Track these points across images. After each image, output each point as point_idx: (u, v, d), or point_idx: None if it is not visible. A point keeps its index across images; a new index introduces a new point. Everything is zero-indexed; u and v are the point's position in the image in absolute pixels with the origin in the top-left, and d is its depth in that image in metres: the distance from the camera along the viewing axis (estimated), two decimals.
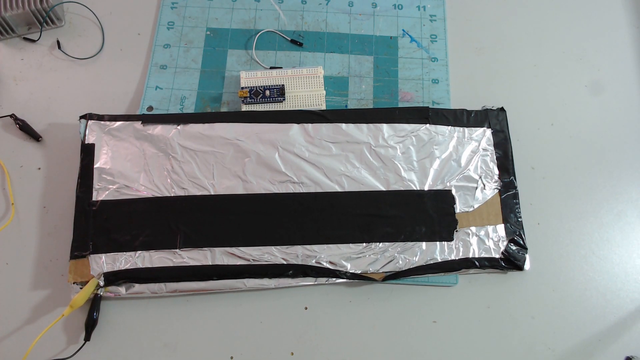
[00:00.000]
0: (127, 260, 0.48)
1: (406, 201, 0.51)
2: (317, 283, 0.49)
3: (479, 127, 0.54)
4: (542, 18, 0.64)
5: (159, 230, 0.49)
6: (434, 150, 0.53)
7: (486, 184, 0.52)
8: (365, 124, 0.53)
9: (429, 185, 0.52)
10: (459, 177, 0.52)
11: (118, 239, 0.49)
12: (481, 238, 0.50)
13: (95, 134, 0.52)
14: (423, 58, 0.60)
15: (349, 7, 0.63)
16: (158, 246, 0.49)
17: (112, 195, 0.50)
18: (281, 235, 0.50)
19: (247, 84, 0.56)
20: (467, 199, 0.52)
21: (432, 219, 0.51)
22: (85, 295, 0.46)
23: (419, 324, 0.49)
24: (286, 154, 0.52)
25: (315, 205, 0.51)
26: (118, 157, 0.52)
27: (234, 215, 0.50)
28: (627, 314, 0.50)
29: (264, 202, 0.51)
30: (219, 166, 0.52)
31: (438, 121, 0.54)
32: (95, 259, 0.48)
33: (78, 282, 0.47)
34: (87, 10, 0.61)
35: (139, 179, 0.51)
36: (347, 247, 0.50)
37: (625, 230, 0.54)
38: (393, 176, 0.52)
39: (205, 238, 0.49)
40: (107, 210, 0.50)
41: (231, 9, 0.62)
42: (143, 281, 0.48)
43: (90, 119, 0.53)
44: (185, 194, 0.51)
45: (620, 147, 0.58)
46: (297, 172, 0.52)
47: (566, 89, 0.60)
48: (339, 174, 0.52)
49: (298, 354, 0.48)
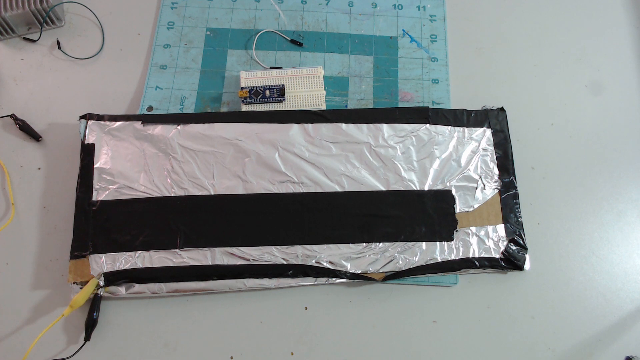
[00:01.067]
0: (127, 260, 0.48)
1: (406, 201, 0.51)
2: (317, 283, 0.49)
3: (479, 127, 0.54)
4: (542, 18, 0.64)
5: (159, 230, 0.49)
6: (434, 150, 0.53)
7: (486, 184, 0.52)
8: (365, 124, 0.53)
9: (429, 185, 0.52)
10: (459, 177, 0.52)
11: (118, 239, 0.49)
12: (481, 238, 0.50)
13: (95, 134, 0.52)
14: (423, 58, 0.60)
15: (349, 7, 0.63)
16: (158, 246, 0.49)
17: (112, 195, 0.50)
18: (281, 235, 0.50)
19: (247, 84, 0.56)
20: (467, 199, 0.52)
21: (432, 219, 0.51)
22: (85, 295, 0.46)
23: (419, 324, 0.49)
24: (286, 154, 0.52)
25: (315, 205, 0.51)
26: (118, 157, 0.52)
27: (234, 215, 0.50)
28: (627, 314, 0.50)
29: (264, 202, 0.51)
30: (219, 166, 0.52)
31: (438, 121, 0.54)
32: (95, 259, 0.48)
33: (78, 282, 0.47)
34: (87, 10, 0.61)
35: (139, 179, 0.51)
36: (347, 247, 0.50)
37: (625, 230, 0.54)
38: (393, 176, 0.52)
39: (205, 238, 0.49)
40: (107, 210, 0.50)
41: (231, 9, 0.62)
42: (143, 281, 0.48)
43: (90, 119, 0.53)
44: (185, 194, 0.51)
45: (620, 147, 0.58)
46: (297, 172, 0.52)
47: (566, 89, 0.60)
48: (339, 174, 0.52)
49: (298, 354, 0.48)
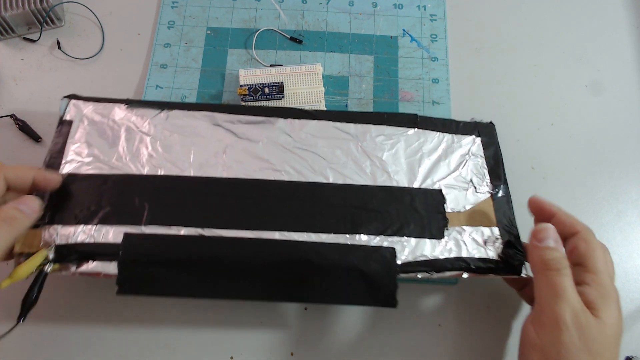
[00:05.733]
0: (86, 233, 0.44)
1: (394, 197, 0.49)
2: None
3: (469, 135, 0.53)
4: (542, 18, 0.64)
5: (124, 206, 0.46)
6: (422, 152, 0.51)
7: (477, 187, 0.50)
8: (353, 123, 0.52)
9: (418, 185, 0.50)
10: (449, 179, 0.50)
11: (78, 214, 0.45)
12: (474, 238, 0.48)
13: (75, 112, 0.50)
14: (423, 58, 0.60)
15: (350, 6, 0.63)
16: (121, 222, 0.45)
17: (81, 170, 0.48)
18: (257, 220, 0.46)
19: (246, 82, 0.56)
20: (457, 200, 0.49)
21: (421, 216, 0.48)
22: (29, 267, 0.41)
23: (418, 323, 0.49)
24: (270, 142, 0.50)
25: (297, 193, 0.48)
26: (94, 135, 0.49)
27: (208, 196, 0.47)
28: (627, 314, 0.50)
29: (242, 186, 0.48)
30: (199, 149, 0.49)
31: (426, 127, 0.52)
32: (50, 231, 0.44)
33: (25, 253, 0.43)
34: (87, 10, 0.61)
35: (112, 157, 0.48)
36: (328, 236, 0.46)
37: (625, 230, 0.54)
38: (380, 173, 0.50)
39: (174, 217, 0.46)
40: (72, 184, 0.47)
41: (231, 9, 0.62)
42: (99, 258, 0.43)
43: (73, 99, 0.51)
44: (159, 173, 0.48)
45: (620, 147, 0.58)
46: (280, 161, 0.50)
47: (566, 89, 0.60)
48: (324, 167, 0.50)
49: (298, 354, 0.48)
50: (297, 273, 0.44)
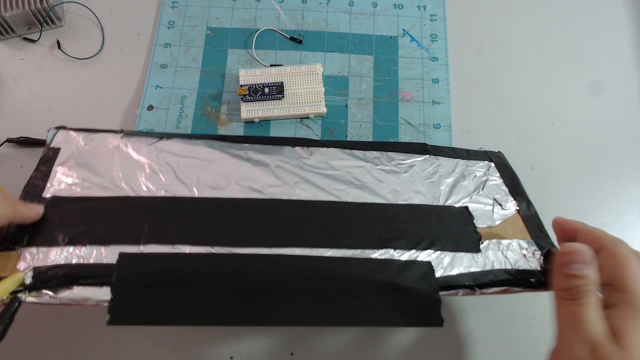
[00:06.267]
0: (71, 255, 0.38)
1: (420, 213, 0.45)
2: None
3: (481, 160, 0.52)
4: (542, 18, 0.64)
5: (120, 226, 0.41)
6: (440, 174, 0.49)
7: (502, 204, 0.48)
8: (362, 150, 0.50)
9: (442, 203, 0.47)
10: (471, 198, 0.48)
11: (64, 235, 0.40)
12: (513, 250, 0.44)
13: (63, 139, 0.47)
14: (423, 58, 0.60)
15: (350, 6, 0.63)
16: (117, 241, 0.39)
17: (69, 193, 0.43)
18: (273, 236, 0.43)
19: (246, 82, 0.56)
20: (485, 218, 0.46)
21: (453, 231, 0.44)
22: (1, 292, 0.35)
23: None
24: (280, 165, 0.48)
25: (315, 211, 0.44)
26: (85, 159, 0.46)
27: (217, 215, 0.43)
28: None
29: (255, 205, 0.44)
30: (204, 172, 0.46)
31: (437, 154, 0.51)
32: (27, 254, 0.38)
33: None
34: (87, 10, 0.61)
35: (106, 181, 0.44)
36: (354, 252, 0.42)
37: (626, 230, 0.54)
38: (401, 193, 0.47)
39: (177, 234, 0.41)
40: (58, 207, 0.42)
41: (232, 9, 0.62)
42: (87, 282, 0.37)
43: (62, 129, 0.48)
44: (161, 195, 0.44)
45: (620, 147, 0.58)
46: (292, 182, 0.46)
47: (566, 89, 0.60)
48: (340, 188, 0.47)
49: (298, 354, 0.48)
50: (325, 291, 0.39)
